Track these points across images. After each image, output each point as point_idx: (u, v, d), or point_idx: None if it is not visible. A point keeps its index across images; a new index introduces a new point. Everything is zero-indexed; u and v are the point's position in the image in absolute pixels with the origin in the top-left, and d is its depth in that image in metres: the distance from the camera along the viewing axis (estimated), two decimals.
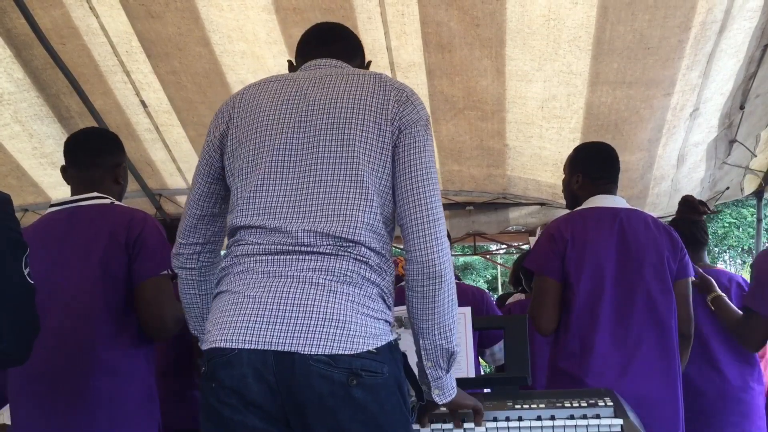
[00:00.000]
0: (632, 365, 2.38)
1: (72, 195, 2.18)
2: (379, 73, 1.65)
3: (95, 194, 2.14)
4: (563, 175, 2.73)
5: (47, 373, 1.95)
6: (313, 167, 1.55)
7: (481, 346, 3.23)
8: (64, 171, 2.23)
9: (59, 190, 4.46)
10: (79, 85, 3.78)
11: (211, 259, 1.73)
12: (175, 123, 4.12)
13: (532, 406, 1.86)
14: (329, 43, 1.78)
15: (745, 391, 2.95)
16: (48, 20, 3.45)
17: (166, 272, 2.06)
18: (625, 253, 2.45)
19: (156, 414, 2.05)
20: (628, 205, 2.56)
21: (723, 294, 2.80)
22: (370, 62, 1.87)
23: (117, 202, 2.16)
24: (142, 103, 3.98)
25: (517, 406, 1.86)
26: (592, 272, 2.43)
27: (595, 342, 2.38)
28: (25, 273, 1.47)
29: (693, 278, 2.61)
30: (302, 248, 1.50)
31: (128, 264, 2.03)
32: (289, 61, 1.85)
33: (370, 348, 1.45)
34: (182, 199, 4.73)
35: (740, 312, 2.65)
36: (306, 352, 1.42)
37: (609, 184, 2.59)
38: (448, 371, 1.61)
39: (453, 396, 1.65)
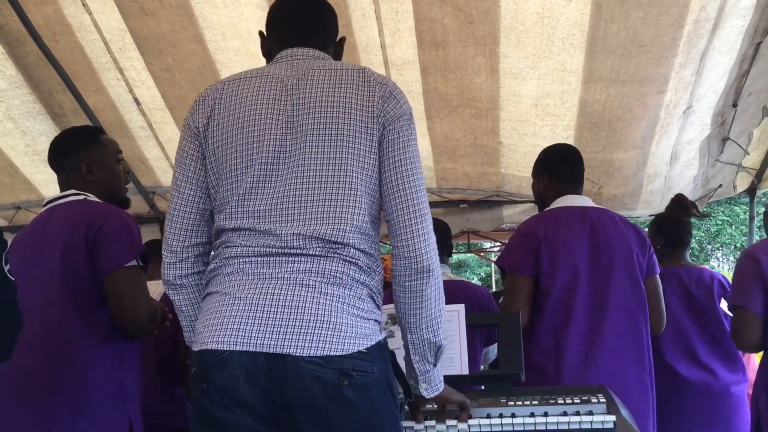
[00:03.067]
0: (604, 360, 2.42)
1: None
2: (362, 67, 1.63)
3: (72, 191, 2.17)
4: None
5: (17, 367, 1.94)
6: (302, 170, 1.54)
7: (486, 344, 3.24)
8: None
9: (52, 188, 4.40)
10: (72, 82, 3.76)
11: (207, 261, 1.66)
12: (169, 120, 4.11)
13: (525, 402, 1.87)
14: (308, 30, 1.71)
15: (732, 385, 2.98)
16: (40, 17, 3.43)
17: (134, 263, 2.03)
18: (596, 251, 2.50)
19: (128, 409, 2.03)
20: (594, 205, 2.63)
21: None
22: (344, 38, 1.81)
23: (91, 197, 2.16)
24: (136, 100, 3.96)
25: (510, 403, 1.87)
26: (565, 270, 2.48)
27: (569, 337, 2.43)
28: (6, 270, 1.46)
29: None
30: (292, 251, 1.50)
31: (88, 258, 2.01)
32: (261, 33, 1.78)
33: (361, 348, 1.46)
34: None
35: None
36: (298, 354, 1.42)
37: (574, 184, 2.65)
38: (435, 365, 1.62)
39: (440, 390, 1.65)
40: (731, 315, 2.66)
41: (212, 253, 1.61)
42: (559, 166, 2.69)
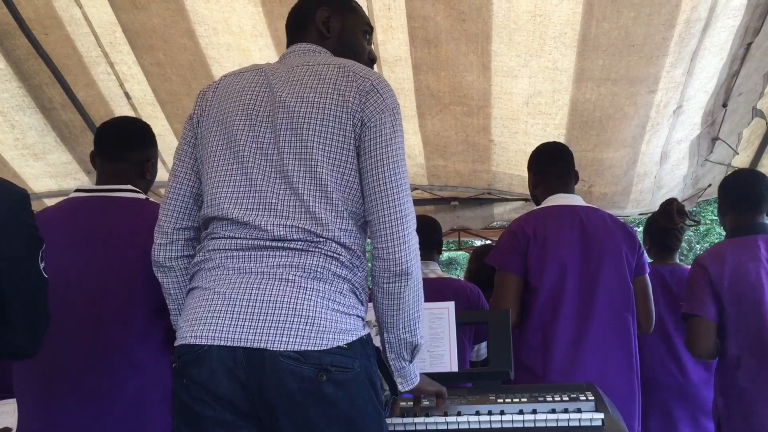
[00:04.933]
0: (592, 359, 2.43)
1: (98, 183, 2.12)
2: (346, 61, 1.61)
3: (129, 187, 2.09)
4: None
5: (72, 364, 1.92)
6: (278, 165, 1.54)
7: (475, 342, 3.24)
8: (93, 158, 2.18)
9: (41, 182, 4.41)
10: (62, 76, 3.74)
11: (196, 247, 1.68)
12: (160, 115, 4.09)
13: (514, 400, 1.87)
14: (300, 27, 1.75)
15: (706, 387, 3.01)
16: (31, 9, 3.41)
17: None
18: (585, 250, 2.51)
19: (169, 417, 2.03)
20: (584, 203, 2.63)
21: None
22: (326, 12, 1.75)
23: (151, 200, 2.12)
24: (126, 95, 3.94)
25: (499, 400, 1.88)
26: (554, 268, 2.49)
27: (556, 336, 2.44)
28: (41, 267, 1.49)
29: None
30: (274, 243, 1.49)
31: None
32: None
33: (341, 343, 1.44)
34: None
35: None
36: (276, 349, 1.41)
37: (560, 181, 2.66)
38: (411, 362, 1.62)
39: (416, 383, 1.65)
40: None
41: (199, 245, 1.62)
42: (544, 164, 2.72)
